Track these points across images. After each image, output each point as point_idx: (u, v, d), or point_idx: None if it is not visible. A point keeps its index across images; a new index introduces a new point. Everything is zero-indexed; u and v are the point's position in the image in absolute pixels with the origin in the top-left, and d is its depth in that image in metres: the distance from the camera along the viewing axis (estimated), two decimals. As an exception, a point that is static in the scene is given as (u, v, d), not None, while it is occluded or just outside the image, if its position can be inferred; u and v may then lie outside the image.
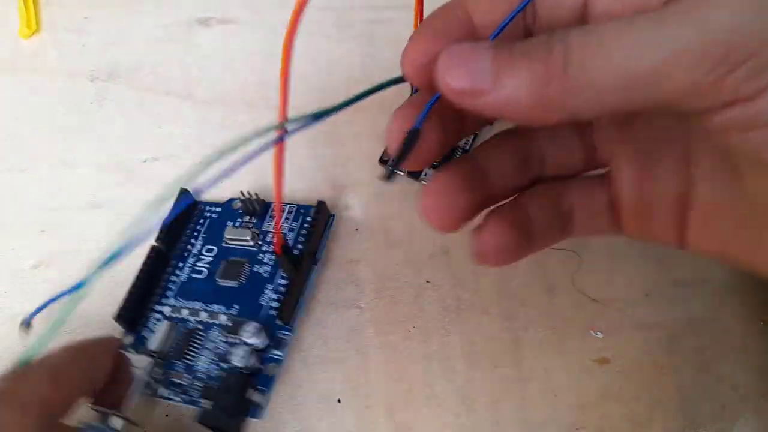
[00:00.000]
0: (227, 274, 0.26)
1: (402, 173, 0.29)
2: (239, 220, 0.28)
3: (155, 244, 0.26)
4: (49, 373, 0.19)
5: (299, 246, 0.26)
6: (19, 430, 0.17)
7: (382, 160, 0.29)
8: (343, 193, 0.29)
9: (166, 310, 0.26)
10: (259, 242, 0.27)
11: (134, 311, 0.25)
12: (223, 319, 0.25)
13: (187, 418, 0.24)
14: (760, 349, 0.26)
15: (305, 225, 0.27)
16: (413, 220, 0.28)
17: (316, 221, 0.26)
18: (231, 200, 0.28)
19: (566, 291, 0.27)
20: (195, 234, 0.28)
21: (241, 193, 0.27)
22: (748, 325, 0.27)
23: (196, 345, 0.25)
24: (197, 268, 0.27)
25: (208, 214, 0.28)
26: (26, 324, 0.22)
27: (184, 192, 0.25)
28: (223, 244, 0.27)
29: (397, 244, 0.28)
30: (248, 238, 0.26)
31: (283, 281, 0.26)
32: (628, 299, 0.27)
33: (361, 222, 0.28)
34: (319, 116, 0.18)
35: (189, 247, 0.27)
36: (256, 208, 0.27)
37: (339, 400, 0.24)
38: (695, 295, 0.27)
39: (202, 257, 0.27)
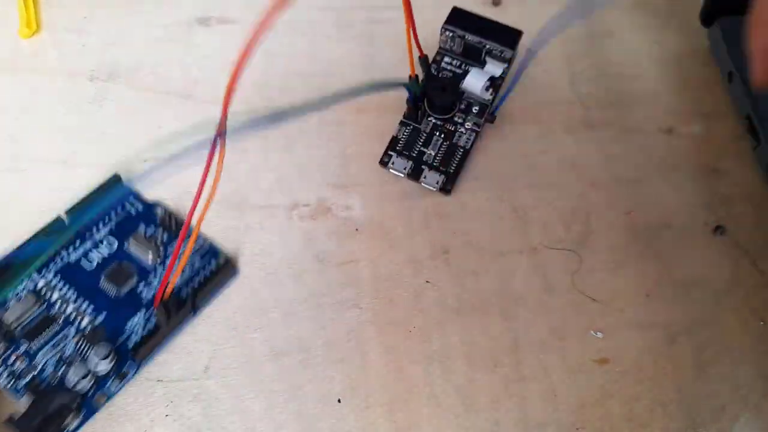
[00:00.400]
0: (112, 277, 0.25)
1: (401, 174, 0.28)
2: (153, 228, 0.26)
3: (62, 214, 0.25)
4: None
5: (187, 289, 0.25)
6: None
7: (383, 162, 0.29)
8: (343, 193, 0.29)
9: (40, 283, 0.24)
10: (158, 263, 0.25)
11: (9, 271, 0.24)
12: (85, 322, 0.24)
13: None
14: (760, 349, 0.26)
15: (204, 272, 0.25)
16: (413, 220, 0.28)
17: (216, 276, 0.25)
18: (155, 204, 0.27)
19: (566, 291, 0.27)
20: (105, 220, 0.26)
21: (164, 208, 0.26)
22: (748, 325, 0.27)
23: (47, 334, 0.23)
24: (90, 255, 0.25)
25: (129, 207, 0.27)
26: None
27: (116, 179, 0.24)
28: (124, 247, 0.26)
29: (397, 244, 0.28)
30: (149, 257, 0.25)
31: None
32: (628, 299, 0.27)
33: (361, 222, 0.28)
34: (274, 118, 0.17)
35: (94, 230, 0.26)
36: (171, 227, 0.26)
37: (339, 400, 0.24)
38: (695, 295, 0.27)
39: (100, 248, 0.25)
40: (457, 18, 0.30)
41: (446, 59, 0.31)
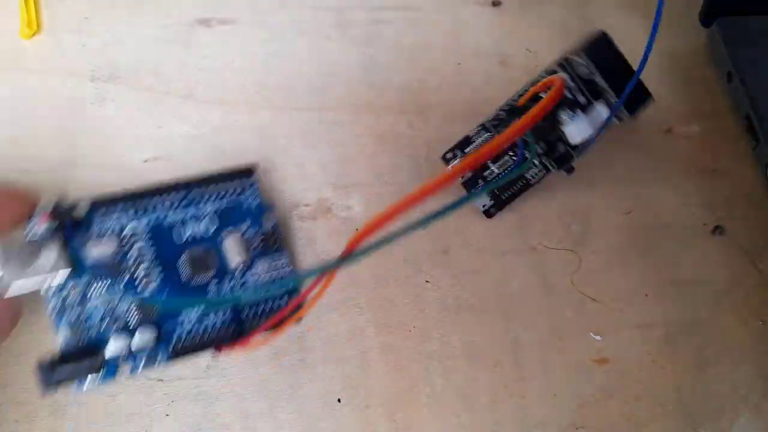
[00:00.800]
0: (193, 261, 0.24)
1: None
2: (254, 231, 0.25)
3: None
4: None
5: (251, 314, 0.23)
6: None
7: (446, 158, 0.27)
8: (343, 193, 0.29)
9: (127, 230, 0.23)
10: (241, 270, 0.24)
11: (110, 205, 0.23)
12: (147, 290, 0.23)
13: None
14: (760, 349, 0.26)
15: (275, 305, 0.24)
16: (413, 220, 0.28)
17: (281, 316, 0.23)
18: (271, 210, 0.26)
19: (566, 291, 0.27)
20: (219, 197, 0.25)
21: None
22: (748, 325, 0.27)
23: (110, 282, 0.22)
24: (185, 227, 0.24)
25: (245, 199, 0.25)
26: None
27: (252, 168, 0.24)
28: (219, 236, 0.24)
29: (397, 244, 0.28)
30: (236, 261, 0.24)
31: (224, 317, 0.23)
32: (628, 299, 0.27)
33: (361, 222, 0.28)
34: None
35: (203, 202, 0.25)
36: (271, 242, 0.25)
37: (339, 400, 0.24)
38: (695, 295, 0.27)
39: (198, 223, 0.24)
40: (600, 50, 0.26)
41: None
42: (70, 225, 0.22)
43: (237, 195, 0.26)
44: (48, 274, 0.20)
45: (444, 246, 0.28)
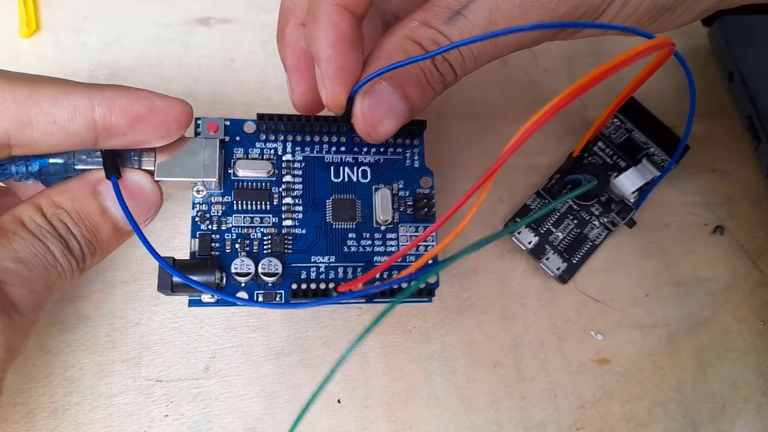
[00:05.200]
0: (336, 205, 0.23)
1: (523, 246, 0.27)
2: (407, 195, 0.24)
3: None
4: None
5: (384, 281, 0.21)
6: None
7: (507, 226, 0.28)
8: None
9: (287, 156, 0.23)
10: (383, 229, 0.23)
11: (275, 130, 0.23)
12: (288, 222, 0.22)
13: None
14: (760, 349, 0.26)
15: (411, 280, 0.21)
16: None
17: (416, 292, 0.21)
18: (429, 176, 0.24)
19: (566, 291, 0.27)
20: (396, 150, 0.24)
21: None
22: (748, 325, 0.27)
23: (255, 204, 0.22)
24: (344, 168, 0.23)
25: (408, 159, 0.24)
26: None
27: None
28: (372, 186, 0.23)
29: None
30: (383, 217, 0.23)
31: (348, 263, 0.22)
32: (628, 299, 0.27)
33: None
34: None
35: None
36: (420, 210, 0.23)
37: (339, 400, 0.24)
38: (695, 295, 0.27)
39: (357, 168, 0.23)
40: (632, 110, 0.29)
41: (600, 144, 0.29)
42: (234, 140, 0.23)
43: (399, 149, 0.24)
44: (194, 176, 0.21)
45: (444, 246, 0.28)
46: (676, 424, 0.24)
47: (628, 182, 0.27)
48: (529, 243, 0.27)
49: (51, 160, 0.20)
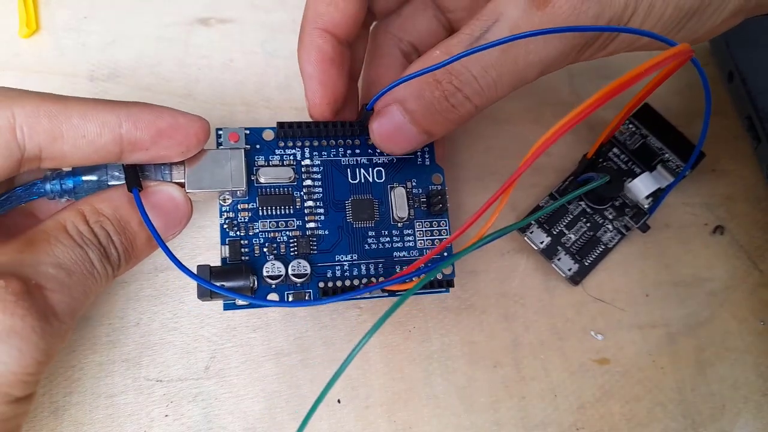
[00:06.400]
0: (356, 205, 0.23)
1: (535, 246, 0.27)
2: (422, 190, 0.24)
3: None
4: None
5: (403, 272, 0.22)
6: None
7: (520, 228, 0.27)
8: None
9: (305, 161, 0.24)
10: (400, 226, 0.24)
11: (293, 136, 0.24)
12: (311, 225, 0.23)
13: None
14: (760, 349, 0.26)
15: (429, 272, 0.21)
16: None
17: (432, 284, 0.23)
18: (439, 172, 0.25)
19: (566, 291, 0.27)
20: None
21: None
22: (747, 325, 0.27)
23: (279, 210, 0.23)
24: (360, 169, 0.24)
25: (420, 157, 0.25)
26: None
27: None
28: (389, 184, 0.24)
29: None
30: (400, 214, 0.24)
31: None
32: (628, 299, 0.27)
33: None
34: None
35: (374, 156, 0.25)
36: (433, 205, 0.24)
37: (339, 401, 0.24)
38: (695, 295, 0.27)
39: (372, 169, 0.24)
40: (646, 115, 0.29)
41: (615, 150, 0.29)
42: (254, 148, 0.24)
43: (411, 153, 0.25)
44: (223, 186, 0.22)
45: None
46: (676, 424, 0.24)
47: (642, 186, 0.27)
48: (541, 243, 0.27)
49: (84, 178, 0.20)
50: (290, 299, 0.22)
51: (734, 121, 0.32)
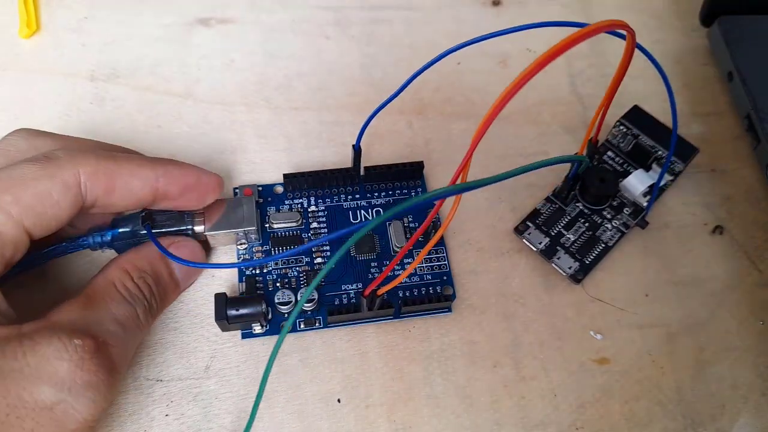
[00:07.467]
0: (361, 243, 0.27)
1: (534, 248, 0.28)
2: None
3: None
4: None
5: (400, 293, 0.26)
6: None
7: (518, 230, 0.28)
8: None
9: (312, 207, 0.28)
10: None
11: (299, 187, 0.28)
12: (318, 260, 0.26)
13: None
14: (760, 349, 0.26)
15: (427, 291, 0.26)
16: (413, 220, 0.28)
17: (431, 302, 0.25)
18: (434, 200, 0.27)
19: (566, 291, 0.27)
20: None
21: None
22: (747, 325, 0.27)
23: (289, 249, 0.26)
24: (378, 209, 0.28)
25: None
26: None
27: None
28: (390, 220, 0.27)
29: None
30: (398, 244, 0.27)
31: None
32: (628, 299, 0.27)
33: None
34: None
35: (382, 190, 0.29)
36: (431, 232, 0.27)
37: (339, 400, 0.24)
38: (695, 295, 0.27)
39: (372, 210, 0.28)
40: (636, 116, 0.29)
41: (609, 153, 0.30)
42: (266, 199, 0.28)
43: (405, 191, 0.29)
44: (237, 227, 0.25)
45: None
46: (676, 424, 0.24)
47: (637, 182, 0.28)
48: (540, 243, 0.27)
49: (120, 230, 0.24)
50: (302, 326, 0.25)
51: (734, 121, 0.32)
